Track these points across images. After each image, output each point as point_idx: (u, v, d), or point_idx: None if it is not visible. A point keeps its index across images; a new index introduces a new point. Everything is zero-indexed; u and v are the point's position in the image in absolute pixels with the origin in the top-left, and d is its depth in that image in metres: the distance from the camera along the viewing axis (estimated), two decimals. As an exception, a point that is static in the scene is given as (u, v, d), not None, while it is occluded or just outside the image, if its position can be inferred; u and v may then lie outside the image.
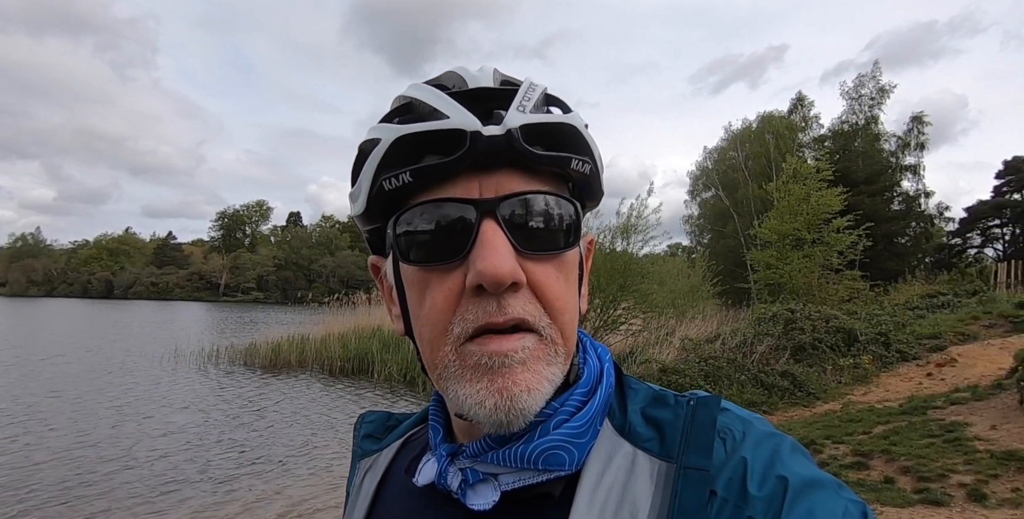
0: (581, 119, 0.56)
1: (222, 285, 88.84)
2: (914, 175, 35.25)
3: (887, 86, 34.86)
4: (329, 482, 6.61)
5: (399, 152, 0.52)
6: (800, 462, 0.50)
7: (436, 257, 0.51)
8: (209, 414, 9.88)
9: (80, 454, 7.38)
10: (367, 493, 0.67)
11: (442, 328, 0.51)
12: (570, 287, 0.54)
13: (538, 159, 0.51)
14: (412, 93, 0.55)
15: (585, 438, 0.53)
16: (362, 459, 0.72)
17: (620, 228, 13.86)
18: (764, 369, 9.86)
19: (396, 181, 0.52)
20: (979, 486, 4.91)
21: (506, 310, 0.49)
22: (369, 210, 0.56)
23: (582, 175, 0.55)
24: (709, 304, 19.96)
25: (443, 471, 0.56)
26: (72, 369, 14.39)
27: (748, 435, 0.51)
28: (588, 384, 0.56)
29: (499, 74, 0.57)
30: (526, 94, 0.52)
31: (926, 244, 34.84)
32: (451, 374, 0.51)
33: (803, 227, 19.39)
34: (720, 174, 36.68)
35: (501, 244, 0.49)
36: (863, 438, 6.53)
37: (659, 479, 0.49)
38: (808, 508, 0.46)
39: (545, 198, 0.52)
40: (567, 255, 0.54)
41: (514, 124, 0.50)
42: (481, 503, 0.53)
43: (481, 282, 0.48)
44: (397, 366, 13.78)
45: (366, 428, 0.75)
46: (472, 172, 0.51)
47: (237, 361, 16.12)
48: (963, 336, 11.79)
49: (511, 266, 0.48)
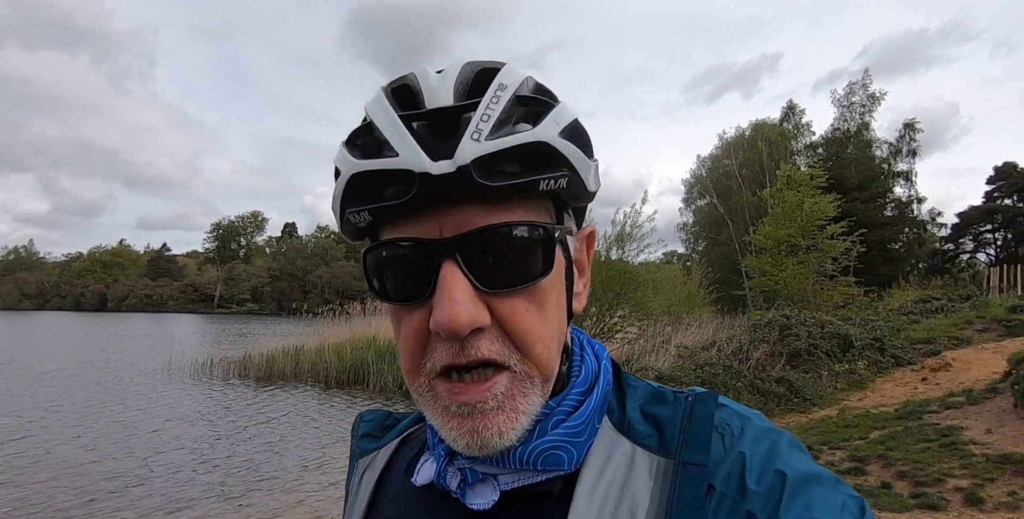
0: (557, 123, 0.51)
1: (217, 297, 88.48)
2: (906, 181, 35.60)
3: (877, 93, 35.27)
4: (312, 498, 6.57)
5: (358, 187, 0.51)
6: (798, 457, 0.50)
7: (402, 297, 0.51)
8: (202, 427, 9.80)
9: (81, 470, 7.32)
10: (365, 491, 0.66)
11: (415, 361, 0.52)
12: (545, 315, 0.52)
13: (497, 191, 0.48)
14: (372, 112, 0.52)
15: (583, 437, 0.53)
16: (360, 458, 0.72)
17: (615, 237, 13.90)
18: (760, 375, 9.87)
19: (358, 217, 0.51)
20: (976, 490, 4.91)
21: (469, 353, 0.48)
22: (347, 234, 0.56)
23: (559, 189, 0.51)
24: (705, 311, 20.00)
25: (442, 471, 0.56)
26: (66, 383, 14.27)
27: (746, 431, 0.52)
28: (585, 383, 0.56)
29: (467, 73, 0.52)
30: (486, 110, 0.48)
31: (919, 249, 35.07)
32: (426, 403, 0.53)
33: (798, 233, 19.49)
34: (714, 182, 36.90)
35: (459, 291, 0.47)
36: (859, 443, 6.53)
37: (658, 475, 0.49)
38: (806, 502, 0.46)
39: (509, 229, 0.49)
40: (540, 283, 0.51)
41: (465, 160, 0.47)
42: (481, 503, 0.53)
43: (439, 331, 0.48)
44: (392, 376, 13.70)
45: (364, 427, 0.75)
46: (431, 209, 0.49)
47: (231, 373, 16.01)
48: (957, 340, 11.84)
49: (468, 315, 0.47)
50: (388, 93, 0.53)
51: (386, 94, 0.53)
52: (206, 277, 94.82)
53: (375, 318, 18.73)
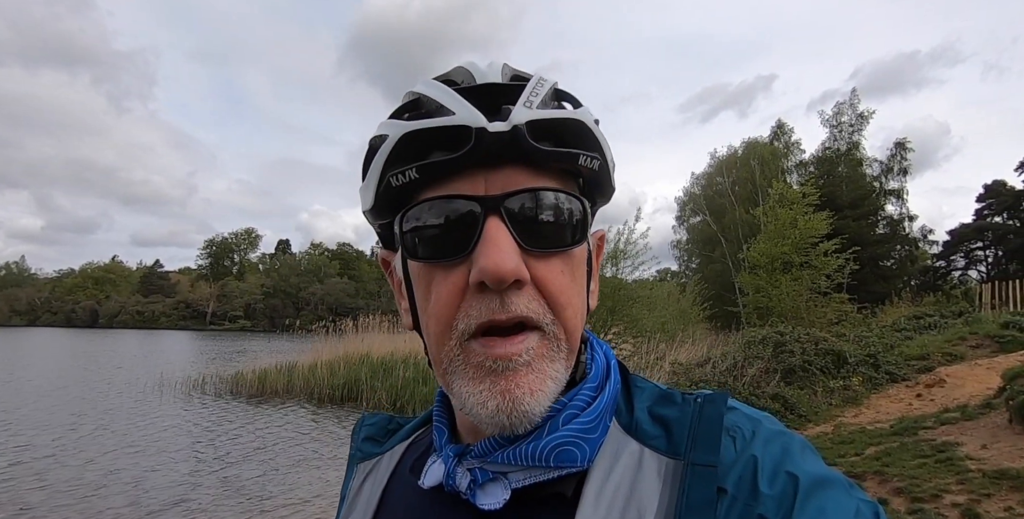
0: (591, 115, 0.55)
1: (209, 313, 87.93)
2: (898, 199, 35.92)
3: (865, 113, 35.71)
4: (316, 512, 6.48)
5: (406, 148, 0.52)
6: (811, 460, 0.49)
7: (441, 253, 0.51)
8: (192, 444, 9.68)
9: (70, 486, 7.21)
10: (370, 497, 0.65)
11: (447, 323, 0.51)
12: (576, 283, 0.54)
13: (545, 155, 0.51)
14: (420, 89, 0.55)
15: (596, 433, 0.52)
16: (361, 462, 0.70)
17: (609, 254, 13.97)
18: (755, 392, 9.85)
19: (403, 177, 0.52)
20: (972, 505, 4.89)
21: (509, 308, 0.49)
22: (378, 205, 0.56)
23: (591, 171, 0.54)
24: (699, 328, 20.02)
25: (451, 472, 0.55)
26: (59, 401, 14.09)
27: (758, 433, 0.51)
28: (596, 379, 0.56)
29: (509, 69, 0.56)
30: (534, 89, 0.52)
31: (911, 267, 35.30)
32: (455, 369, 0.51)
33: (791, 250, 19.57)
34: (707, 200, 37.14)
35: (505, 241, 0.48)
36: (855, 459, 6.51)
37: (667, 476, 0.49)
38: (819, 506, 0.45)
39: (552, 194, 0.52)
40: (574, 251, 0.54)
41: (520, 120, 0.49)
42: (491, 503, 0.52)
43: (484, 279, 0.48)
44: (387, 393, 13.64)
45: (366, 431, 0.73)
46: (478, 168, 0.51)
47: (224, 390, 15.86)
48: (951, 357, 11.86)
49: (514, 264, 0.48)
50: (435, 79, 0.56)
51: (434, 79, 0.56)
52: (199, 294, 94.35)
53: (368, 335, 18.66)
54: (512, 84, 0.53)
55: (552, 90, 0.54)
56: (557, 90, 0.56)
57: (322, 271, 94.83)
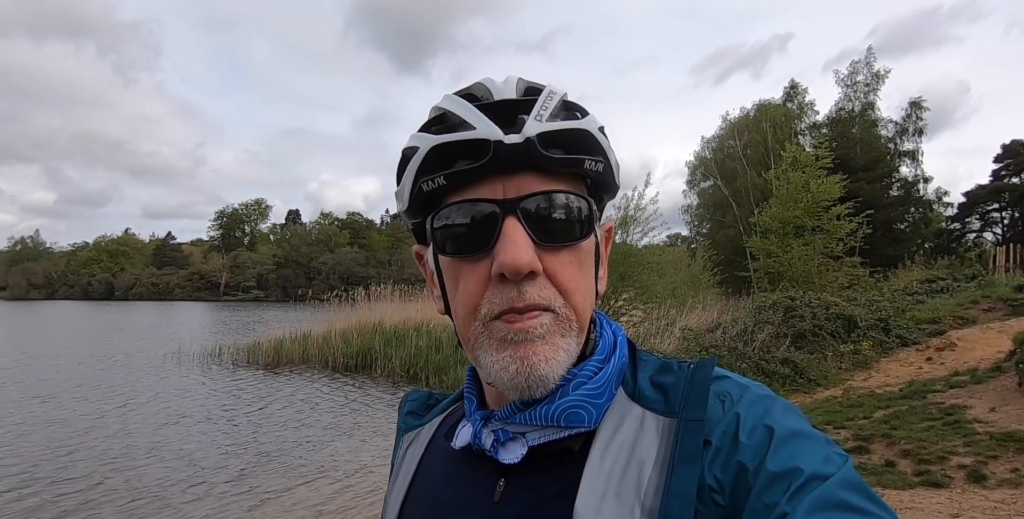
0: (596, 122, 0.63)
1: (222, 284, 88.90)
2: (913, 161, 35.28)
3: (881, 72, 34.85)
4: (340, 478, 6.67)
5: (434, 159, 0.60)
6: (791, 417, 0.55)
7: (467, 249, 0.60)
8: (213, 412, 9.94)
9: (85, 456, 7.45)
10: (412, 461, 0.75)
11: (472, 308, 0.59)
12: (583, 271, 0.62)
13: (554, 162, 0.58)
14: (445, 104, 0.62)
15: (602, 399, 0.61)
16: (405, 433, 0.81)
17: (619, 220, 13.89)
18: (765, 357, 9.91)
19: (432, 183, 0.60)
20: (979, 467, 4.96)
21: (525, 297, 0.57)
22: (412, 207, 0.64)
23: (596, 173, 0.62)
24: (709, 293, 20.01)
25: (477, 433, 0.64)
26: (76, 371, 14.46)
27: (745, 396, 0.58)
28: (603, 352, 0.65)
29: (523, 82, 0.63)
30: (544, 103, 0.59)
31: (925, 230, 34.90)
32: (481, 344, 0.60)
33: (803, 214, 19.36)
34: (718, 163, 36.66)
35: (520, 238, 0.56)
36: (864, 422, 6.58)
37: (663, 432, 0.56)
38: (791, 452, 0.51)
39: (561, 196, 0.60)
40: (581, 244, 0.62)
41: (532, 132, 0.57)
42: (511, 457, 0.61)
43: (503, 272, 0.56)
44: (400, 361, 13.85)
45: (409, 406, 0.84)
46: (497, 175, 0.58)
47: (240, 359, 16.20)
48: (962, 320, 11.84)
49: (528, 258, 0.56)
50: (457, 94, 0.64)
51: (456, 94, 0.64)
52: (211, 265, 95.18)
53: (379, 304, 18.84)
54: (525, 99, 0.61)
55: (561, 102, 0.61)
56: (566, 101, 0.62)
57: (332, 241, 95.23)
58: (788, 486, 0.48)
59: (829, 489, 0.48)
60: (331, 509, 5.72)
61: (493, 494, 0.62)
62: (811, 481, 0.48)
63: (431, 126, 0.63)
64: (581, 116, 0.62)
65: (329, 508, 5.74)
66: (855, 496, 0.48)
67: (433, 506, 0.68)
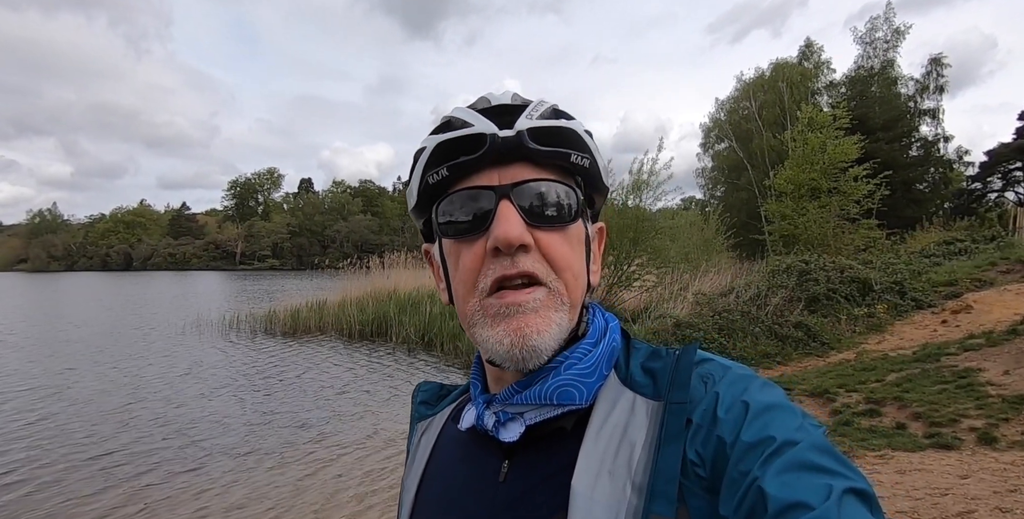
0: (582, 126, 0.69)
1: (238, 254, 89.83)
2: (933, 119, 34.39)
3: (902, 27, 33.71)
4: (364, 445, 6.85)
5: (439, 154, 0.66)
6: (767, 393, 0.58)
7: (466, 230, 0.65)
8: (236, 379, 10.18)
9: (120, 421, 7.70)
10: (426, 448, 0.81)
11: (471, 284, 0.65)
12: (575, 253, 0.67)
13: (542, 154, 0.65)
14: (452, 113, 0.69)
15: (592, 378, 0.65)
16: (419, 421, 0.87)
17: (632, 185, 13.78)
18: (778, 321, 9.91)
19: (437, 176, 0.66)
20: (989, 430, 4.99)
21: (517, 265, 0.62)
22: (420, 202, 0.70)
23: (583, 168, 0.68)
24: (723, 257, 19.90)
25: (480, 415, 0.69)
26: (107, 340, 14.83)
27: (726, 377, 0.61)
28: (593, 336, 0.69)
29: (519, 97, 0.70)
30: (535, 107, 0.67)
31: (945, 190, 34.21)
32: (477, 321, 0.64)
33: (819, 176, 19.05)
34: (733, 125, 35.93)
35: (513, 217, 0.62)
36: (876, 386, 6.61)
37: (652, 415, 0.60)
38: (765, 422, 0.54)
39: (550, 184, 0.66)
40: (570, 228, 0.67)
41: (523, 127, 0.64)
42: (510, 436, 0.66)
43: (496, 244, 0.61)
44: (415, 327, 14.01)
45: (421, 396, 0.90)
46: (493, 166, 0.65)
47: (258, 328, 16.50)
48: (979, 283, 11.73)
49: (519, 231, 0.61)
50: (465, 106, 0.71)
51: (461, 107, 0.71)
52: (226, 234, 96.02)
53: (394, 271, 18.97)
54: (519, 104, 0.68)
55: (551, 109, 0.69)
56: (556, 109, 0.69)
57: (345, 209, 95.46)
58: (761, 454, 0.51)
59: (798, 452, 0.51)
60: (360, 470, 5.90)
61: (499, 475, 0.67)
62: (782, 447, 0.51)
63: (439, 131, 0.69)
64: (569, 120, 0.69)
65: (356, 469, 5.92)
66: (822, 457, 0.50)
67: (446, 487, 0.73)
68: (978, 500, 3.61)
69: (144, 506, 5.15)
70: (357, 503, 5.14)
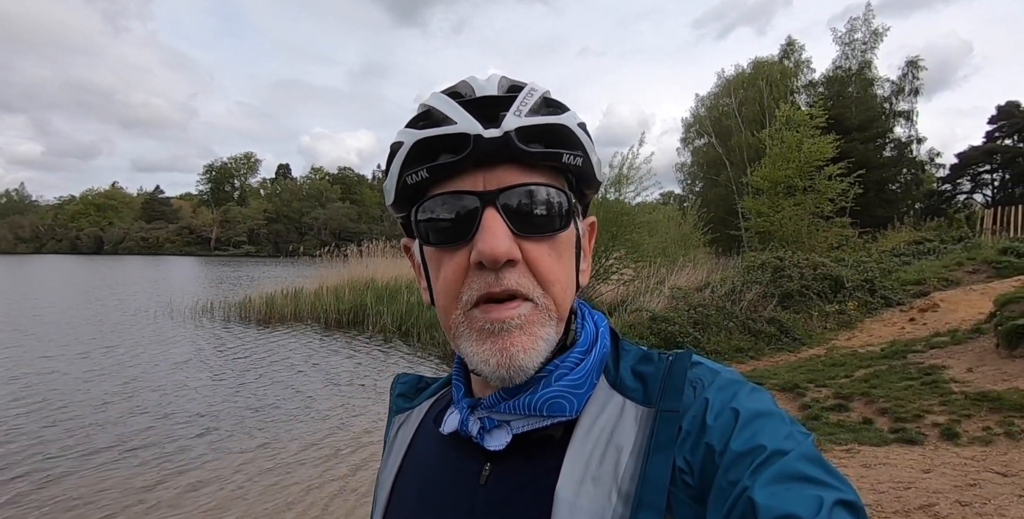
0: (576, 118, 0.64)
1: (213, 239, 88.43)
2: (907, 121, 35.05)
3: (880, 29, 34.25)
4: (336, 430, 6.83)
5: (418, 153, 0.61)
6: (756, 399, 0.57)
7: (448, 239, 0.61)
8: (204, 368, 10.05)
9: (89, 408, 7.57)
10: (403, 443, 0.78)
11: (453, 296, 0.61)
12: (563, 263, 0.63)
13: (532, 156, 0.60)
14: (431, 102, 0.64)
15: (583, 389, 0.63)
16: (397, 414, 0.84)
17: (612, 179, 13.84)
18: (752, 316, 10.08)
19: (416, 176, 0.61)
20: (952, 425, 5.13)
21: (502, 282, 0.58)
22: (398, 200, 0.65)
23: (576, 167, 0.63)
24: (700, 252, 20.13)
25: (464, 420, 0.66)
26: (75, 327, 14.52)
27: (715, 382, 0.60)
28: (585, 344, 0.66)
29: (506, 81, 0.65)
30: (524, 99, 0.61)
31: (916, 191, 34.96)
32: (461, 334, 0.61)
33: (795, 174, 19.33)
34: (713, 122, 36.26)
35: (499, 228, 0.58)
36: (845, 381, 6.76)
37: (641, 421, 0.59)
38: (754, 431, 0.53)
39: (539, 188, 0.61)
40: (560, 236, 0.63)
41: (510, 127, 0.59)
42: (496, 444, 0.64)
43: (482, 260, 0.57)
44: (392, 316, 13.95)
45: (399, 388, 0.87)
46: (478, 168, 0.60)
47: (232, 315, 16.28)
48: (947, 282, 12.03)
49: (506, 247, 0.57)
50: (443, 93, 0.65)
51: (441, 93, 0.65)
52: (201, 220, 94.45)
53: (371, 260, 18.84)
54: (506, 95, 0.62)
55: (542, 98, 0.63)
56: (547, 98, 0.64)
57: (324, 196, 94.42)
58: (751, 463, 0.51)
59: (788, 463, 0.50)
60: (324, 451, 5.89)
61: (479, 478, 0.64)
62: (772, 456, 0.51)
63: (417, 122, 0.65)
64: (561, 112, 0.64)
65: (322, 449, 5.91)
66: (813, 468, 0.50)
67: (423, 486, 0.70)
68: (939, 494, 3.73)
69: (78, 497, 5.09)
70: (330, 499, 5.13)
